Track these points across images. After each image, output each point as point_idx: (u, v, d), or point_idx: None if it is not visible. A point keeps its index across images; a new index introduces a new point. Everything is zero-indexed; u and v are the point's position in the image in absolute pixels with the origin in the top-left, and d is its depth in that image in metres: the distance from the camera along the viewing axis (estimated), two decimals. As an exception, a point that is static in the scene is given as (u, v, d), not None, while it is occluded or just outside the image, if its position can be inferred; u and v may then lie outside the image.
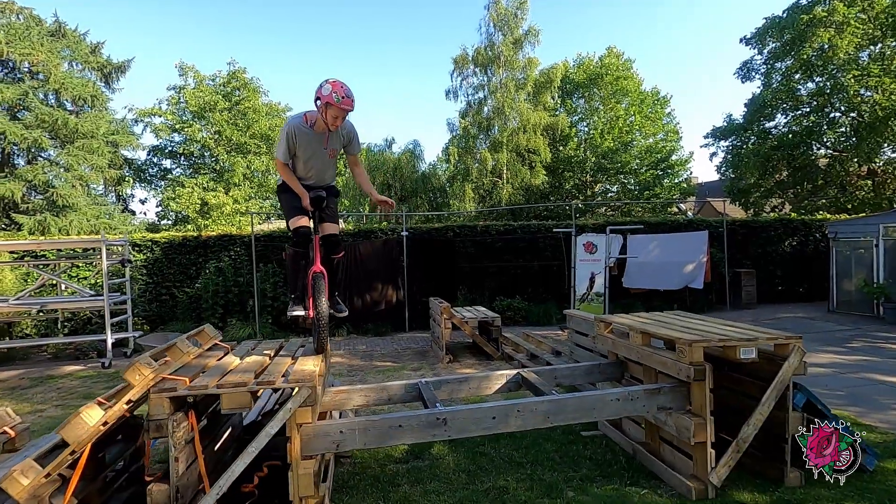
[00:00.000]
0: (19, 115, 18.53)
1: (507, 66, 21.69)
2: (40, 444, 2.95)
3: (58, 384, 6.81)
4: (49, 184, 18.04)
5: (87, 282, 9.88)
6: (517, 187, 21.66)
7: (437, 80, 33.44)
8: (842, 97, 15.95)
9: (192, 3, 45.65)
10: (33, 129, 17.64)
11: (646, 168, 24.22)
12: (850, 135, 16.86)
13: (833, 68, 15.89)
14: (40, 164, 18.54)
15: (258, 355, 3.49)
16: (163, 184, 23.07)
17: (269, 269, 10.34)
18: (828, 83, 16.18)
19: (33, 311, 8.03)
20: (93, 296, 8.02)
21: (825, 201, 17.71)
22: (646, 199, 22.92)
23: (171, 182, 22.19)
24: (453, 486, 3.53)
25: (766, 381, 3.38)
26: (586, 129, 25.30)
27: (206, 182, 20.69)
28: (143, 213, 33.18)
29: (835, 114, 17.06)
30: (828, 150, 17.84)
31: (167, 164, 23.34)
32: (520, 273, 11.58)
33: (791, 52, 16.61)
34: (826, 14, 15.19)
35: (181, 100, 21.69)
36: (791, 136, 17.18)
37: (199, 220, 18.88)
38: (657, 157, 24.13)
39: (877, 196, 16.69)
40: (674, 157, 24.71)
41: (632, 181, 24.81)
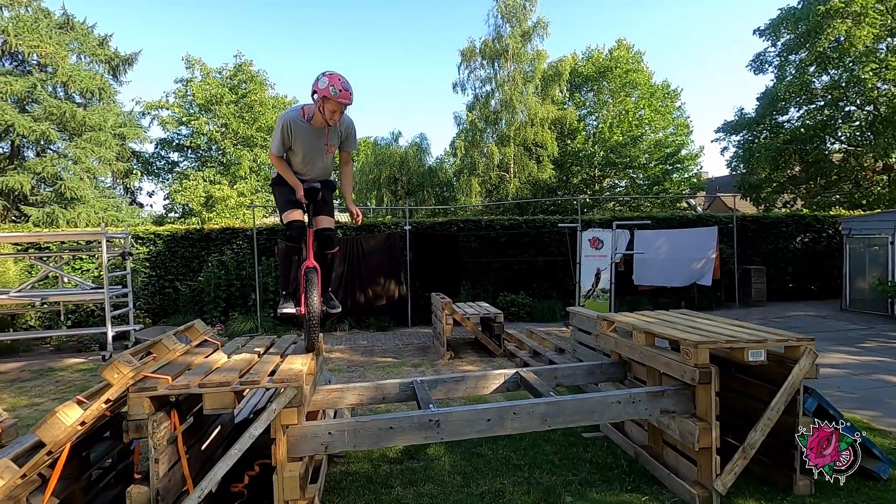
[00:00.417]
0: (28, 107, 18.60)
1: (515, 59, 21.43)
2: (25, 440, 2.88)
3: (57, 377, 6.79)
4: (57, 176, 18.10)
5: (91, 274, 9.87)
6: (524, 182, 21.45)
7: (444, 73, 33.15)
8: (858, 90, 15.53)
9: (201, -4, 45.64)
10: (42, 122, 17.69)
11: (655, 163, 23.87)
12: (866, 129, 16.43)
13: (849, 61, 15.47)
14: (49, 156, 18.63)
15: (247, 353, 3.39)
16: (170, 177, 23.15)
17: (271, 263, 10.27)
18: (843, 76, 15.76)
19: (36, 303, 8.01)
20: (94, 288, 7.99)
21: (839, 197, 17.32)
22: (655, 194, 22.60)
23: (178, 175, 22.25)
24: (447, 489, 3.42)
25: (775, 385, 3.23)
26: (595, 123, 24.97)
27: (213, 175, 20.70)
28: (151, 205, 33.41)
29: (850, 107, 16.63)
30: (842, 145, 17.43)
31: (174, 156, 23.42)
32: (524, 268, 11.43)
33: (806, 45, 16.19)
34: (843, 5, 14.76)
35: (188, 93, 21.68)
36: (804, 130, 16.79)
37: (204, 213, 18.89)
38: (666, 151, 23.76)
39: (892, 192, 16.27)
40: (683, 151, 24.32)
41: (641, 176, 24.47)
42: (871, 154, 15.64)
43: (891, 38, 15.44)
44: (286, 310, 3.51)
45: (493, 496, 3.33)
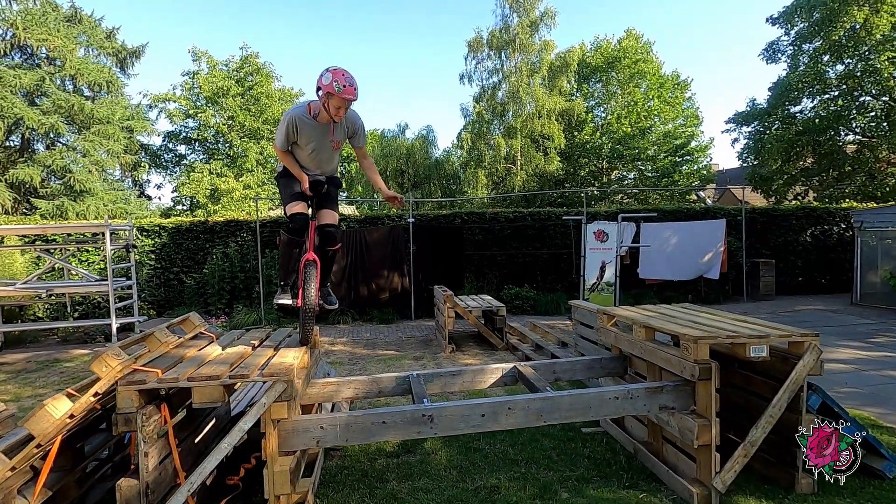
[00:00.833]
0: (37, 100, 18.73)
1: (523, 50, 21.18)
2: (19, 432, 2.88)
3: (62, 368, 6.85)
4: (67, 169, 18.25)
5: (96, 266, 9.94)
6: (531, 174, 21.28)
7: (452, 65, 32.89)
8: (873, 80, 15.17)
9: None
10: (50, 115, 17.83)
11: (664, 154, 23.56)
12: (882, 120, 16.06)
13: (865, 49, 15.10)
14: (58, 149, 18.76)
15: (241, 345, 3.37)
16: (178, 170, 23.25)
17: (274, 255, 10.27)
18: (859, 65, 15.39)
19: (42, 295, 8.08)
20: (98, 280, 8.04)
21: (852, 189, 16.98)
22: (663, 186, 22.33)
23: (185, 168, 22.34)
24: (442, 484, 3.39)
25: (778, 381, 3.15)
26: (603, 115, 24.66)
27: (220, 168, 20.75)
28: (159, 198, 33.60)
29: (865, 97, 16.25)
30: (856, 136, 17.06)
31: (182, 149, 23.48)
32: (529, 261, 11.35)
33: (820, 33, 15.81)
34: (861, -9, 14.38)
35: (195, 85, 21.70)
36: (818, 121, 16.44)
37: (210, 205, 18.97)
38: (676, 143, 23.43)
39: (907, 184, 15.94)
40: (693, 143, 23.97)
41: (649, 168, 24.17)
42: (885, 145, 15.30)
43: (909, 27, 15.02)
44: (283, 301, 3.50)
45: (489, 491, 3.29)
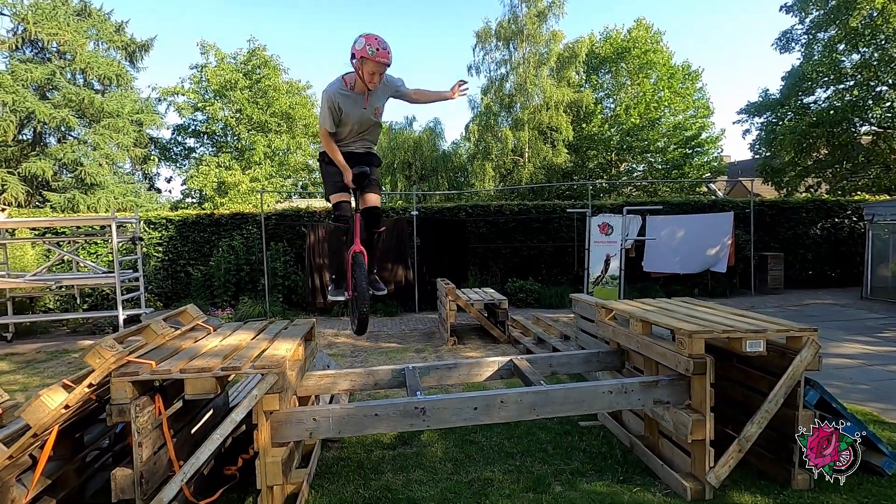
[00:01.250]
0: (48, 94, 18.93)
1: (531, 40, 20.94)
2: (19, 422, 2.94)
3: (70, 358, 6.98)
4: (78, 162, 18.46)
5: (105, 259, 10.08)
6: (538, 166, 21.13)
7: (461, 56, 32.66)
8: (890, 69, 14.82)
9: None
10: (61, 109, 18.01)
11: (674, 146, 23.25)
12: (898, 110, 15.73)
13: (882, 38, 14.74)
14: (69, 142, 18.98)
15: (237, 337, 3.40)
16: (187, 163, 23.43)
17: (279, 248, 10.35)
18: (875, 54, 15.03)
19: (52, 287, 8.22)
20: (105, 272, 8.15)
21: (867, 181, 16.66)
22: (673, 178, 22.07)
23: (194, 161, 22.50)
24: (437, 476, 3.41)
25: (776, 376, 3.11)
26: (612, 106, 24.37)
27: (228, 161, 20.87)
28: (169, 191, 33.91)
29: (882, 87, 15.89)
30: (872, 127, 16.71)
31: (191, 142, 23.66)
32: (534, 254, 11.30)
33: (836, 21, 15.45)
34: (878, -22, 14.02)
35: (203, 78, 21.78)
36: (832, 111, 16.11)
37: (217, 198, 19.10)
38: (686, 134, 23.10)
39: (923, 176, 15.61)
40: (704, 134, 23.62)
41: (659, 160, 23.89)
42: (901, 137, 14.98)
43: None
44: (336, 297, 3.55)
45: (482, 484, 3.30)
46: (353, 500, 3.14)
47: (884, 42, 14.70)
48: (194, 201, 22.78)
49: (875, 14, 14.51)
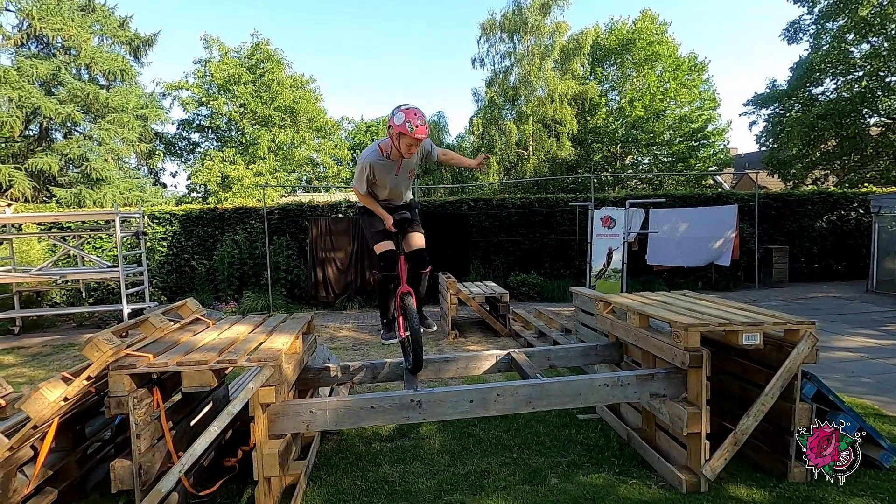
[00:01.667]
0: (53, 90, 19.03)
1: (535, 32, 20.80)
2: (21, 415, 2.98)
3: (75, 352, 7.06)
4: (84, 157, 18.57)
5: (110, 253, 10.16)
6: (542, 159, 21.05)
7: (465, 49, 32.47)
8: (901, 59, 14.59)
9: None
10: (67, 104, 18.10)
11: (680, 139, 23.05)
12: (909, 101, 15.48)
13: (892, 28, 14.49)
14: (75, 138, 19.08)
15: (235, 331, 3.43)
16: (192, 157, 23.51)
17: (282, 242, 10.39)
18: (885, 44, 14.79)
19: (58, 281, 8.30)
20: (110, 267, 8.22)
21: (875, 173, 16.45)
22: (678, 171, 21.91)
23: (199, 155, 22.58)
24: (434, 469, 3.43)
25: (773, 369, 3.10)
26: (617, 99, 24.17)
27: (233, 155, 20.93)
28: (175, 186, 34.09)
29: (892, 78, 15.65)
30: (881, 118, 16.48)
31: (196, 137, 23.72)
32: (536, 248, 11.28)
33: (845, 10, 15.20)
34: (888, -35, 13.77)
35: (207, 73, 21.81)
36: (841, 102, 15.89)
37: (221, 192, 19.18)
38: (692, 126, 22.89)
39: (933, 168, 15.39)
40: (710, 126, 23.40)
41: (664, 153, 23.71)
42: (911, 128, 14.77)
43: (940, 3, 14.36)
44: (390, 341, 3.69)
45: (479, 476, 3.32)
46: (351, 492, 3.16)
47: (894, 32, 14.46)
48: (199, 196, 22.89)
49: (885, 3, 14.27)
